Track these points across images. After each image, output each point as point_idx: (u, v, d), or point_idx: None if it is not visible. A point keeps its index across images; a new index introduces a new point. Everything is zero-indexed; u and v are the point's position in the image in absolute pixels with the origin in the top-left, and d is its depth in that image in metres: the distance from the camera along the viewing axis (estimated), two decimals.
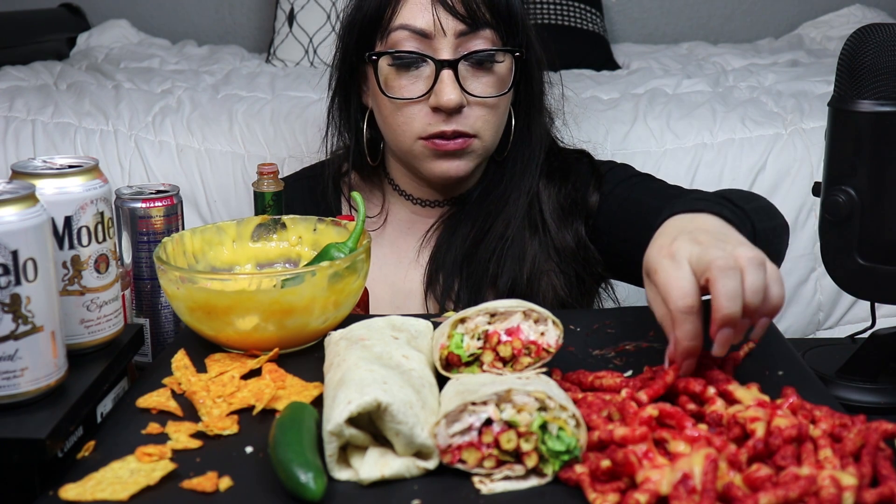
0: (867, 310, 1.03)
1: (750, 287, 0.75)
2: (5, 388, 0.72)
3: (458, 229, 1.27)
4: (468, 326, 0.79)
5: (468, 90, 1.17)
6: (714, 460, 0.64)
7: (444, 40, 1.16)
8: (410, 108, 1.19)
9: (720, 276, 0.75)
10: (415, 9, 1.17)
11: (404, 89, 1.18)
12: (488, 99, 1.19)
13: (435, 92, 1.16)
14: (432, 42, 1.17)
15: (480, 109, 1.19)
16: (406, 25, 1.17)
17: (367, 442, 0.70)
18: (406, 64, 1.18)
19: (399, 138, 1.21)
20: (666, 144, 1.70)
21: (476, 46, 1.17)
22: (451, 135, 1.18)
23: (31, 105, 1.84)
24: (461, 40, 1.17)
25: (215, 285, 0.87)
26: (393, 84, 1.19)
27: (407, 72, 1.18)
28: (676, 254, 0.79)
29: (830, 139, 0.95)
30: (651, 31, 3.09)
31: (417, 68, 1.18)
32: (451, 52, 1.17)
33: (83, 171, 0.81)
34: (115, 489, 0.67)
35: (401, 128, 1.20)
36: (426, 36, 1.16)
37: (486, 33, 1.18)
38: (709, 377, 0.79)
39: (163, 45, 2.76)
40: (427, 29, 1.16)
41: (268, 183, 1.08)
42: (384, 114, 1.22)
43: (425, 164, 1.22)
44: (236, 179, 1.72)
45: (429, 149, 1.19)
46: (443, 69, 1.16)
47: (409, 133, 1.20)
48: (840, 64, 0.93)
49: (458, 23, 1.16)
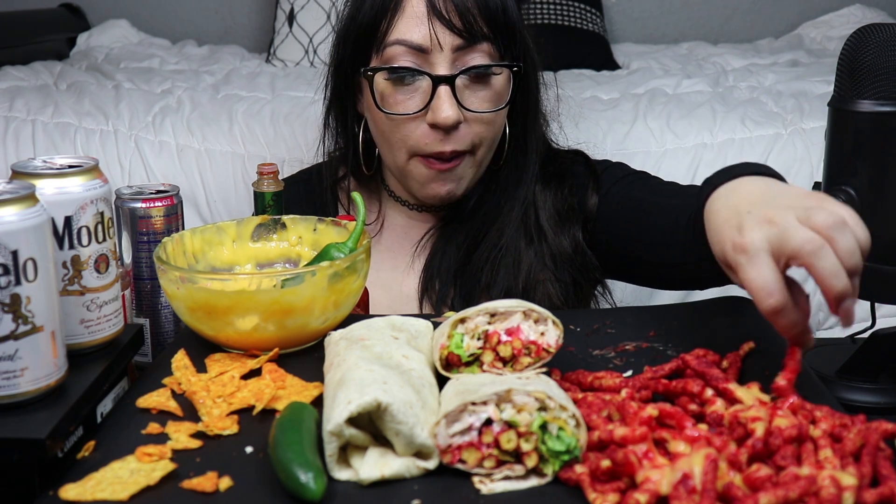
0: (867, 310, 1.03)
1: (845, 253, 0.73)
2: (5, 388, 0.72)
3: (453, 237, 1.26)
4: (468, 326, 0.79)
5: (465, 105, 1.16)
6: (714, 460, 0.64)
7: (441, 55, 1.14)
8: (407, 125, 1.17)
9: (815, 261, 0.72)
10: (410, 22, 1.15)
11: (400, 105, 1.16)
12: (486, 114, 1.17)
13: (432, 108, 1.14)
14: (429, 56, 1.15)
15: (478, 125, 1.18)
16: (402, 41, 1.14)
17: (367, 442, 0.70)
18: (402, 78, 1.16)
19: (394, 154, 1.20)
20: (666, 144, 1.70)
21: (473, 61, 1.15)
22: (450, 155, 1.17)
23: (31, 105, 1.85)
24: (458, 54, 1.15)
25: (215, 285, 0.87)
26: (389, 99, 1.17)
27: (403, 86, 1.16)
28: (750, 247, 0.75)
29: (830, 139, 0.95)
30: (651, 31, 3.09)
31: (414, 83, 1.16)
32: (448, 66, 1.15)
33: (83, 171, 0.81)
34: (115, 489, 0.67)
35: (396, 144, 1.19)
36: (423, 51, 1.14)
37: (484, 47, 1.15)
38: (708, 376, 0.79)
39: (163, 45, 2.77)
40: (423, 44, 1.14)
41: (268, 183, 1.08)
42: (380, 129, 1.21)
43: (417, 184, 1.21)
44: (236, 179, 1.72)
45: (424, 166, 1.18)
46: (440, 85, 1.14)
47: (404, 150, 1.19)
48: (840, 64, 0.93)
49: (455, 37, 1.14)
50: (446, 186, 1.20)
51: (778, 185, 0.85)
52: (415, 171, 1.20)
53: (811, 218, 0.74)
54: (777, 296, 0.73)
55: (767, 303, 0.73)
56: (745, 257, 0.75)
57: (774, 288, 0.73)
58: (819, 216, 0.74)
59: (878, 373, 0.96)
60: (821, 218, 0.74)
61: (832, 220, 0.74)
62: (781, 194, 0.81)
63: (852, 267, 0.73)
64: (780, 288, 0.73)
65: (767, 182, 0.86)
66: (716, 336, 0.91)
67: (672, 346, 0.92)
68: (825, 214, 0.74)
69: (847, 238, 0.73)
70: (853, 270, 0.73)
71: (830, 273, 0.72)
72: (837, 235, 0.73)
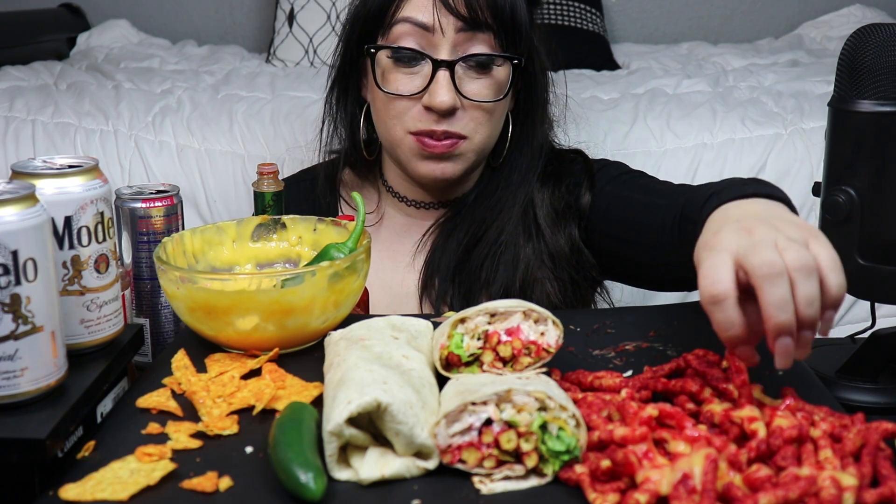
0: (867, 310, 1.03)
1: (802, 298, 0.69)
2: (5, 388, 0.72)
3: (453, 234, 1.27)
4: (468, 326, 0.79)
5: (463, 92, 1.18)
6: (714, 460, 0.64)
7: (444, 39, 1.17)
8: (403, 104, 1.19)
9: (765, 285, 0.69)
10: (419, 3, 1.18)
11: (400, 84, 1.19)
12: (483, 103, 1.19)
13: (429, 92, 1.17)
14: (433, 38, 1.17)
15: (474, 112, 1.19)
16: (408, 18, 1.18)
17: (367, 442, 0.70)
18: (404, 59, 1.19)
19: (390, 131, 1.22)
20: (666, 144, 1.70)
21: (475, 49, 1.18)
22: (441, 135, 1.18)
23: (31, 105, 1.85)
24: (460, 39, 1.17)
25: (215, 285, 0.87)
26: (389, 78, 1.20)
27: (405, 67, 1.19)
28: (717, 245, 0.74)
29: (830, 139, 0.95)
30: (651, 31, 3.09)
31: (415, 65, 1.19)
32: (450, 52, 1.17)
33: (83, 171, 0.81)
34: (115, 489, 0.67)
35: (392, 121, 1.21)
36: (427, 30, 1.17)
37: (486, 37, 1.18)
38: (708, 376, 0.79)
39: (163, 45, 2.76)
40: (428, 23, 1.17)
41: (268, 183, 1.08)
42: (377, 106, 1.23)
43: (413, 163, 1.22)
44: (236, 179, 1.72)
45: (417, 147, 1.20)
46: (439, 69, 1.16)
47: (399, 127, 1.20)
48: (840, 64, 0.94)
49: (457, 21, 1.17)
50: (440, 165, 1.21)
51: (782, 211, 0.82)
52: (407, 148, 1.21)
53: (787, 249, 0.71)
54: (721, 286, 0.70)
55: (709, 289, 0.71)
56: (708, 252, 0.74)
57: (722, 278, 0.71)
58: (794, 252, 0.71)
59: (878, 373, 0.96)
60: (793, 255, 0.70)
61: (803, 262, 0.70)
62: (780, 218, 0.78)
63: (805, 317, 0.70)
64: (728, 282, 0.71)
65: (775, 206, 0.83)
66: (716, 336, 0.91)
67: (672, 346, 0.92)
68: (801, 254, 0.71)
69: (809, 286, 0.70)
70: (805, 320, 0.70)
71: (775, 303, 0.69)
72: (800, 279, 0.70)
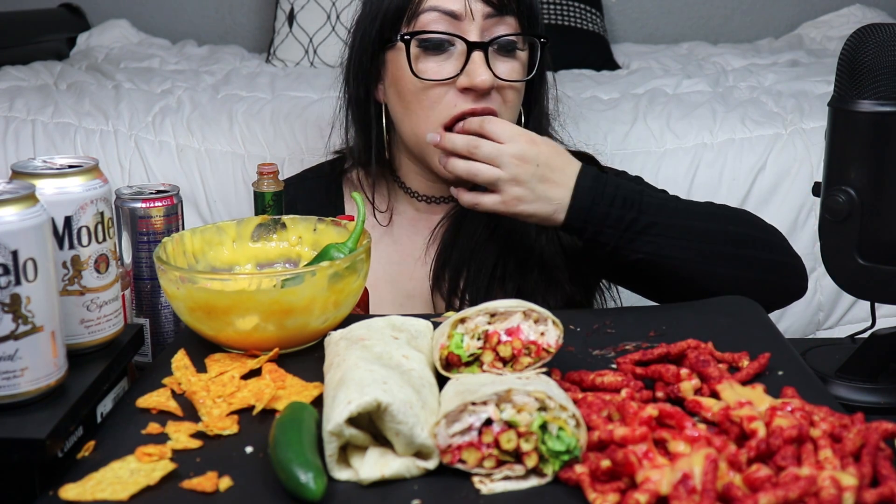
0: (867, 310, 1.03)
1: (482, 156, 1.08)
2: (5, 388, 0.72)
3: (465, 226, 1.27)
4: (468, 326, 0.79)
5: (496, 73, 1.19)
6: (714, 460, 0.64)
7: (473, 24, 1.18)
8: (437, 90, 1.19)
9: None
10: None
11: (432, 71, 1.19)
12: (515, 83, 1.21)
13: (467, 72, 1.17)
14: (461, 24, 1.18)
15: (507, 93, 1.21)
16: (436, 7, 1.19)
17: (367, 442, 0.70)
18: (435, 46, 1.19)
19: (420, 126, 1.21)
20: (666, 144, 1.70)
21: (500, 32, 1.20)
22: (481, 112, 1.18)
23: (31, 105, 1.84)
24: (487, 24, 1.19)
25: (215, 285, 0.87)
26: (419, 66, 1.20)
27: (435, 54, 1.19)
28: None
29: (830, 139, 0.95)
30: (651, 31, 3.09)
31: (446, 51, 1.19)
32: (479, 35, 1.19)
33: (83, 171, 0.81)
34: (115, 489, 0.67)
35: (424, 112, 1.20)
36: (456, 17, 1.18)
37: (511, 20, 1.20)
38: (706, 375, 0.79)
39: (163, 45, 2.76)
40: (457, 10, 1.18)
41: (268, 183, 1.08)
42: (407, 99, 1.21)
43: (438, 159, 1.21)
44: (236, 179, 1.72)
45: None
46: (474, 50, 1.18)
47: (433, 119, 1.19)
48: (840, 64, 0.93)
49: (485, 6, 1.19)
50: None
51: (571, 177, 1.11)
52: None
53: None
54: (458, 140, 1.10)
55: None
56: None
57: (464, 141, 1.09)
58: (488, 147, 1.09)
59: (877, 373, 0.96)
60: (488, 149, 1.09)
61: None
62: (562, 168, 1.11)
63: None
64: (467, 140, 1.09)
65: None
66: (716, 336, 0.91)
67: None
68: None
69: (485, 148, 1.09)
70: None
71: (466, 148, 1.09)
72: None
